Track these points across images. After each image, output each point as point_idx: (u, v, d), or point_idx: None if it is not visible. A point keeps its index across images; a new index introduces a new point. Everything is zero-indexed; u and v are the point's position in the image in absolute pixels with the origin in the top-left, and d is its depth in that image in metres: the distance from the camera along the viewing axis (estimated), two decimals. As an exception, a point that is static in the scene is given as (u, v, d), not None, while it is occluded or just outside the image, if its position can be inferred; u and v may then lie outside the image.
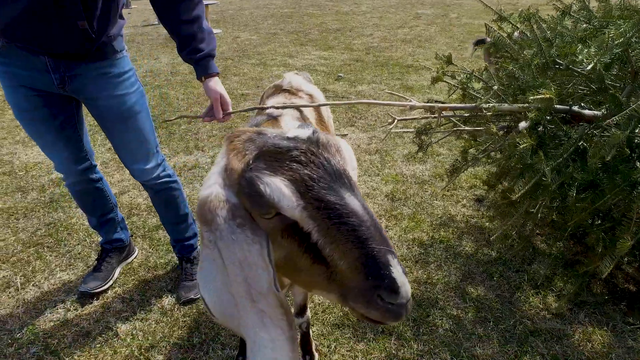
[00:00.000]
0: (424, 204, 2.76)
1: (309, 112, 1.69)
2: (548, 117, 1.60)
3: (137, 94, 1.75)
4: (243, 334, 0.68)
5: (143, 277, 2.17)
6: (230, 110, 1.60)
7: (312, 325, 1.88)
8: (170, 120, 1.70)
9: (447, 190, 2.91)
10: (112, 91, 1.67)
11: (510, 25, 1.90)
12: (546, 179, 1.40)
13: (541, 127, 1.55)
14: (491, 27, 1.97)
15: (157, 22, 9.24)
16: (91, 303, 2.01)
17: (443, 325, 1.87)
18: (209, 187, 0.73)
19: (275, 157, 0.68)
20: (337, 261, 0.64)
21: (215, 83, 1.57)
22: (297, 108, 1.58)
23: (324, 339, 1.82)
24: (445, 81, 1.94)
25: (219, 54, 6.85)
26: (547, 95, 1.37)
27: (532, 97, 1.41)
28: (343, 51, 7.04)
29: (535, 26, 1.66)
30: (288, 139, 0.70)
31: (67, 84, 1.61)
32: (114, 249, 2.13)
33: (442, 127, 1.98)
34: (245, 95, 4.84)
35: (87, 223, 2.57)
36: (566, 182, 1.55)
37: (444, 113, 1.82)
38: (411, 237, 2.44)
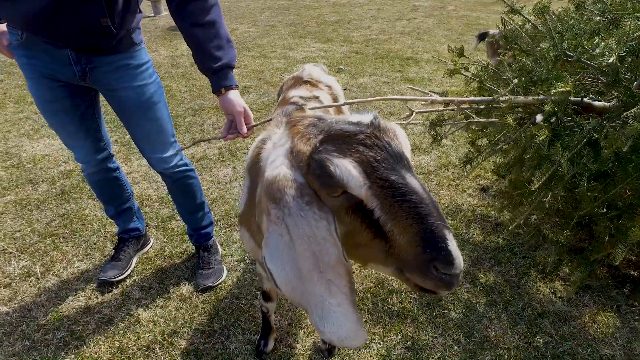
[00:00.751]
0: (431, 194, 2.81)
1: (328, 101, 1.74)
2: (556, 115, 1.65)
3: (155, 84, 1.78)
4: (306, 303, 0.73)
5: (160, 265, 2.22)
6: (252, 122, 1.50)
7: (329, 310, 1.94)
8: (187, 147, 1.74)
9: (453, 181, 2.97)
10: (132, 82, 1.71)
11: (522, 17, 1.95)
12: (562, 170, 1.46)
13: (554, 119, 1.60)
14: (505, 20, 2.01)
15: (153, 14, 9.17)
16: (111, 291, 2.05)
17: (455, 308, 1.94)
18: (277, 168, 0.78)
19: (343, 140, 0.73)
20: (397, 236, 0.70)
21: (236, 96, 1.48)
22: (321, 103, 1.62)
23: (341, 323, 1.87)
24: (462, 74, 1.99)
25: (218, 46, 6.84)
26: (567, 88, 1.42)
27: (553, 90, 1.46)
28: (342, 43, 7.06)
29: (548, 19, 1.71)
30: (353, 123, 0.75)
31: (88, 75, 1.64)
32: (131, 238, 2.17)
33: (456, 119, 2.03)
34: (248, 87, 4.86)
35: (100, 214, 2.61)
36: (579, 172, 1.61)
37: (462, 106, 1.87)
38: (420, 225, 2.50)
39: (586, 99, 1.73)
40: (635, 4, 1.53)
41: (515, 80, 1.68)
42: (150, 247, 2.33)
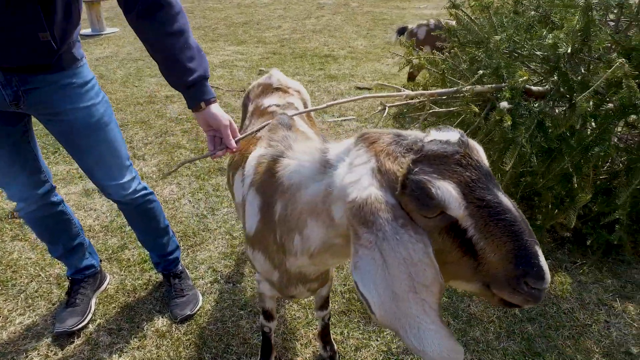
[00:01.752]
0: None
1: (300, 107, 1.71)
2: (513, 101, 1.81)
3: (104, 103, 1.61)
4: (399, 325, 0.72)
5: (124, 302, 2.00)
6: (239, 135, 1.40)
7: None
8: (172, 171, 1.58)
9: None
10: (79, 103, 1.51)
11: (463, 12, 2.09)
12: (525, 149, 1.61)
13: (512, 105, 1.76)
14: (456, 13, 2.14)
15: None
16: (73, 342, 1.81)
17: (436, 293, 2.04)
18: (366, 189, 0.74)
19: (439, 160, 0.72)
20: (489, 253, 0.71)
21: (219, 109, 1.38)
22: (296, 110, 1.59)
23: (335, 327, 1.87)
24: (428, 68, 2.08)
25: (124, 54, 6.33)
26: (525, 76, 1.56)
27: (513, 79, 1.60)
28: (257, 45, 6.96)
29: (492, 14, 1.86)
30: (445, 143, 0.74)
31: (23, 100, 1.43)
32: (86, 277, 1.93)
33: (418, 111, 2.12)
34: (171, 97, 4.57)
35: (34, 256, 2.29)
36: (532, 150, 1.79)
37: (415, 98, 1.96)
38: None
39: (528, 86, 1.92)
40: (564, 1, 1.73)
41: (481, 72, 1.81)
42: (109, 284, 2.09)
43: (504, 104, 1.66)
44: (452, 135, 0.75)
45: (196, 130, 3.78)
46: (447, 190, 0.70)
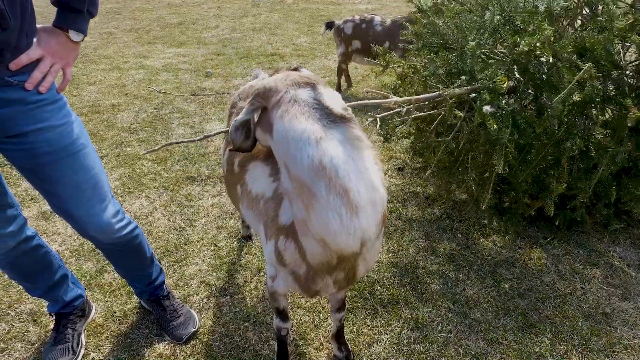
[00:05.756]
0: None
1: None
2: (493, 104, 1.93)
3: (78, 123, 1.41)
4: None
5: (117, 330, 1.86)
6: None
7: (326, 320, 1.93)
8: (156, 149, 1.44)
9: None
10: (50, 121, 1.29)
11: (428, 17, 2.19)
12: (509, 148, 1.73)
13: (493, 109, 1.86)
14: (419, 18, 2.22)
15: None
16: (67, 381, 1.65)
17: (433, 281, 2.12)
18: None
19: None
20: None
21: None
22: None
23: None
24: (409, 75, 2.14)
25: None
26: (505, 81, 1.68)
27: (493, 83, 1.70)
28: (197, 46, 6.71)
29: (462, 19, 1.96)
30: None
31: None
32: (76, 310, 1.77)
33: (402, 116, 2.16)
34: (117, 105, 4.28)
35: (-3, 293, 2.05)
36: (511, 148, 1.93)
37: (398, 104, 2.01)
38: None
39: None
40: (527, 7, 1.87)
41: (463, 77, 1.88)
42: (96, 313, 1.93)
43: (487, 108, 1.75)
44: None
45: (153, 139, 3.58)
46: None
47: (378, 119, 1.91)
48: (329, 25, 4.69)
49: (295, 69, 1.41)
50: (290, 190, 1.08)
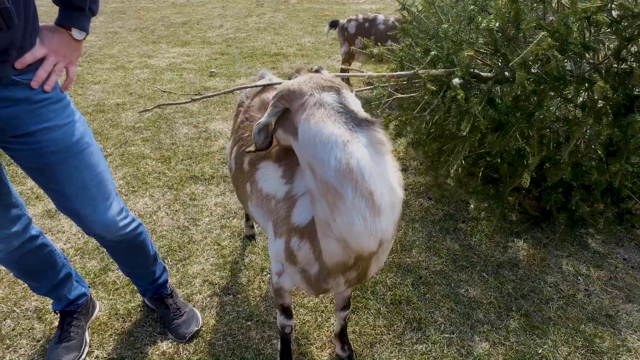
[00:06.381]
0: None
1: None
2: (463, 78, 1.98)
3: (82, 122, 1.41)
4: None
5: (121, 328, 1.88)
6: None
7: (328, 319, 1.93)
8: (149, 109, 1.44)
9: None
10: (56, 120, 1.30)
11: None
12: (479, 120, 1.77)
13: (462, 82, 1.91)
14: (406, 12, 2.31)
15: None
16: (71, 378, 1.67)
17: (435, 281, 2.12)
18: None
19: None
20: None
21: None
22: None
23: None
24: (386, 56, 2.23)
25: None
26: (470, 53, 1.72)
27: (462, 55, 1.75)
28: (202, 45, 6.73)
29: (438, 9, 2.05)
30: None
31: None
32: (79, 308, 1.78)
33: (381, 97, 2.23)
34: (121, 105, 4.30)
35: (2, 291, 2.07)
36: (487, 127, 1.96)
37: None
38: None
39: (476, 71, 2.09)
40: None
41: (433, 52, 1.96)
42: (99, 311, 1.94)
43: (456, 81, 1.83)
44: None
45: (158, 138, 3.59)
46: None
47: (355, 93, 1.95)
48: (333, 24, 4.69)
49: (317, 71, 1.42)
50: (314, 190, 1.09)
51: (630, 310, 1.96)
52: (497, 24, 1.90)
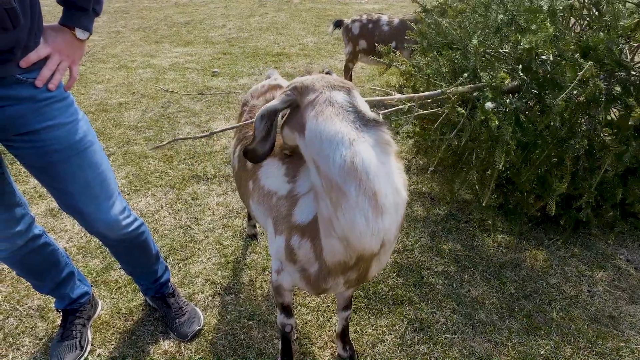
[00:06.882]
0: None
1: None
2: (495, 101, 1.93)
3: (85, 120, 1.42)
4: None
5: (123, 327, 1.88)
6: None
7: (330, 319, 1.93)
8: (162, 145, 1.45)
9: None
10: (59, 118, 1.30)
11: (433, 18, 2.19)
12: (510, 146, 1.73)
13: (494, 105, 1.85)
14: (423, 18, 2.23)
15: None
16: (73, 376, 1.67)
17: (437, 281, 2.12)
18: None
19: None
20: None
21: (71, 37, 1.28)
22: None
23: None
24: (414, 73, 2.13)
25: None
26: (506, 78, 1.68)
27: (495, 80, 1.70)
28: (204, 45, 6.74)
29: (465, 19, 1.96)
30: None
31: None
32: (82, 306, 1.78)
33: (405, 114, 2.16)
34: (124, 104, 4.31)
35: (2, 289, 2.08)
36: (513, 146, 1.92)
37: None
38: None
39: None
40: (530, 6, 1.87)
41: (465, 75, 1.88)
42: (102, 309, 1.95)
43: (489, 105, 1.74)
44: None
45: (160, 137, 3.60)
46: None
47: (381, 116, 1.91)
48: (338, 24, 4.69)
49: (328, 73, 1.43)
50: (319, 188, 1.09)
51: (634, 312, 1.95)
52: (545, 50, 1.81)
